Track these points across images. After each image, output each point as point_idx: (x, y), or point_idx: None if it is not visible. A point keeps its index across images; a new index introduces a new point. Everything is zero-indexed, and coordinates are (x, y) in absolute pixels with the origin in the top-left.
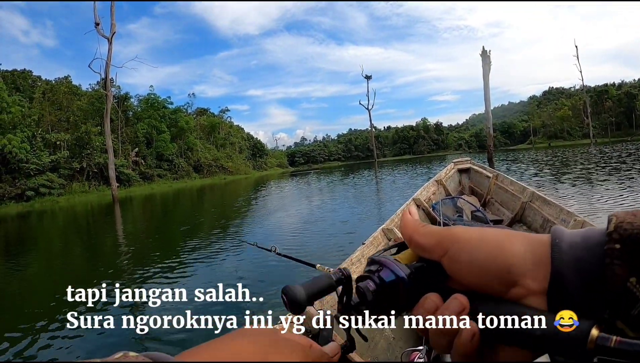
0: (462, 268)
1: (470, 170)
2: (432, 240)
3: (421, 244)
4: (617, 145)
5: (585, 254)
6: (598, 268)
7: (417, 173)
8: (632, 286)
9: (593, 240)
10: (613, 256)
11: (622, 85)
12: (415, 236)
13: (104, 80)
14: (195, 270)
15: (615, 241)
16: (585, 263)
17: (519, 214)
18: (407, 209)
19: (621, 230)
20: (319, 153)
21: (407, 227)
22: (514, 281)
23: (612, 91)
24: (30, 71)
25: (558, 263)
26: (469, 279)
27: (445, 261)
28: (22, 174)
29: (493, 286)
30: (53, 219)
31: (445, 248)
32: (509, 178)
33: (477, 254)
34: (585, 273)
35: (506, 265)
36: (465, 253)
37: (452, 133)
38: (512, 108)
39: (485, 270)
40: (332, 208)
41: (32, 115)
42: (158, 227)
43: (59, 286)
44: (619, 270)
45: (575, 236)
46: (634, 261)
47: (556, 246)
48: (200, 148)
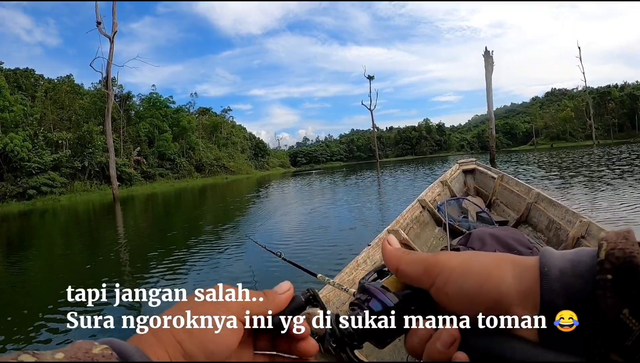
0: (450, 299)
1: (475, 171)
2: (418, 268)
3: (408, 274)
4: (622, 146)
5: (576, 282)
6: (589, 298)
7: (418, 174)
8: (625, 318)
9: (583, 267)
10: (605, 287)
11: (624, 86)
12: (402, 266)
13: (106, 79)
14: (195, 270)
15: (607, 272)
16: (576, 292)
17: (525, 215)
18: (386, 240)
19: (613, 259)
20: (321, 153)
21: (391, 257)
22: (503, 311)
23: (614, 92)
24: (32, 70)
25: (547, 293)
26: (459, 309)
27: (433, 291)
28: (24, 172)
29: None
30: (54, 218)
31: (432, 277)
32: (514, 179)
33: (463, 284)
34: (576, 303)
35: (494, 295)
36: (451, 284)
37: (454, 134)
38: (514, 109)
39: (473, 301)
40: (335, 211)
41: (34, 114)
42: (158, 226)
43: (58, 285)
44: (612, 302)
45: (564, 261)
46: (626, 293)
47: (545, 276)
48: (202, 148)
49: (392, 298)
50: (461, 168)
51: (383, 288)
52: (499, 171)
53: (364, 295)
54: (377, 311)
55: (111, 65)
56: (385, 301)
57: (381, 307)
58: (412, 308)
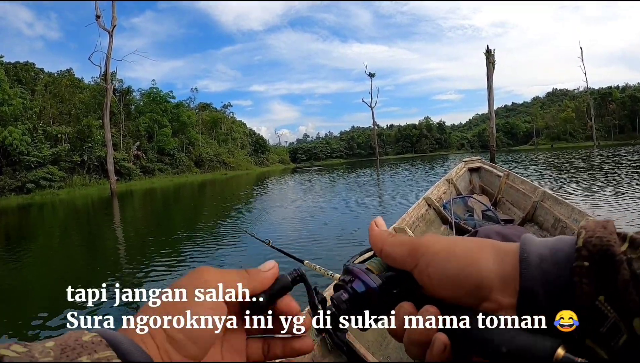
0: (432, 281)
1: (481, 169)
2: (402, 250)
3: (392, 255)
4: (625, 148)
5: (554, 269)
6: (566, 284)
7: (418, 173)
8: (600, 304)
9: (562, 254)
10: (581, 274)
11: (626, 88)
12: (386, 247)
13: (104, 73)
14: (189, 264)
15: (584, 259)
16: (554, 278)
17: (530, 214)
18: (373, 222)
19: (590, 246)
20: (321, 149)
21: (377, 238)
22: (484, 296)
23: (616, 93)
24: (32, 63)
25: (526, 278)
26: (440, 292)
27: (416, 273)
28: (23, 166)
29: (464, 300)
30: (53, 212)
31: (415, 259)
32: (520, 177)
33: (445, 268)
34: (554, 290)
35: (475, 280)
36: (433, 267)
37: (454, 133)
38: (515, 109)
39: (454, 284)
40: (333, 208)
41: (34, 107)
42: (156, 222)
43: (56, 283)
44: (587, 289)
45: (544, 248)
46: (602, 280)
47: (524, 262)
48: (201, 143)
49: (375, 279)
50: (467, 166)
51: (367, 270)
52: (504, 170)
53: (348, 276)
54: (360, 292)
55: (110, 59)
56: (369, 282)
57: (364, 288)
58: (394, 292)
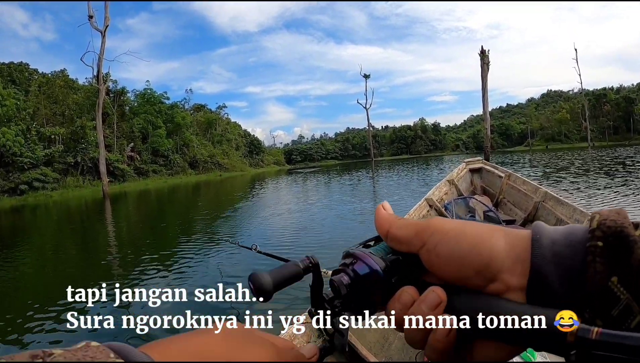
0: (440, 260)
1: (482, 170)
2: (410, 231)
3: (398, 236)
4: (620, 149)
5: (567, 250)
6: (579, 265)
7: (414, 176)
8: (613, 285)
9: (575, 237)
10: (595, 253)
11: (620, 89)
12: (393, 229)
13: (97, 73)
14: (193, 270)
15: (598, 239)
16: (566, 259)
17: (532, 214)
18: (381, 205)
19: (604, 227)
20: (316, 151)
21: (383, 221)
22: (492, 276)
23: (610, 95)
24: (27, 64)
25: (538, 259)
26: (447, 272)
27: (423, 253)
28: (16, 168)
29: (471, 281)
30: (46, 214)
31: (423, 239)
32: (521, 178)
33: (456, 247)
34: (566, 270)
35: (485, 259)
36: (443, 245)
37: (449, 134)
38: (510, 110)
39: (463, 264)
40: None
41: (28, 108)
42: (149, 225)
43: (52, 285)
44: (601, 268)
45: (556, 232)
46: (616, 260)
47: (536, 242)
48: (196, 144)
49: (379, 262)
50: (468, 166)
51: (370, 253)
52: (506, 170)
53: (349, 259)
54: (362, 275)
55: (102, 59)
56: (372, 264)
57: (368, 270)
58: (394, 279)
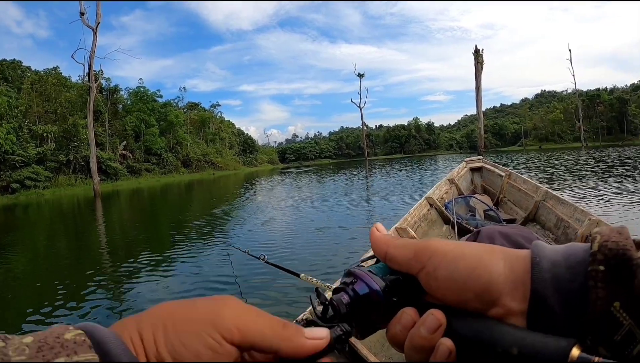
0: (439, 284)
1: (483, 169)
2: (408, 252)
3: (396, 258)
4: (615, 149)
5: (567, 274)
6: (580, 290)
7: (407, 175)
8: (615, 311)
9: (575, 259)
10: (597, 279)
11: (614, 90)
12: (391, 250)
13: (88, 71)
14: (186, 272)
15: (599, 263)
16: (567, 283)
17: (533, 214)
18: (374, 227)
19: (605, 250)
20: (310, 150)
21: (380, 242)
22: (492, 300)
23: (604, 95)
24: (20, 61)
25: (538, 283)
26: (447, 296)
27: (422, 276)
28: (8, 166)
29: (471, 304)
30: (38, 213)
31: (422, 261)
32: (522, 177)
33: (454, 270)
34: (567, 295)
35: (485, 283)
36: (442, 269)
37: (443, 133)
38: (504, 110)
39: (462, 288)
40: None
41: (20, 106)
42: (142, 226)
43: (48, 287)
44: (603, 294)
45: (556, 253)
46: (618, 285)
47: (536, 265)
48: (189, 143)
49: (379, 282)
50: (468, 165)
51: (370, 272)
52: (506, 169)
53: (349, 278)
54: (362, 295)
55: (94, 57)
56: (372, 284)
57: (367, 290)
58: (395, 299)
